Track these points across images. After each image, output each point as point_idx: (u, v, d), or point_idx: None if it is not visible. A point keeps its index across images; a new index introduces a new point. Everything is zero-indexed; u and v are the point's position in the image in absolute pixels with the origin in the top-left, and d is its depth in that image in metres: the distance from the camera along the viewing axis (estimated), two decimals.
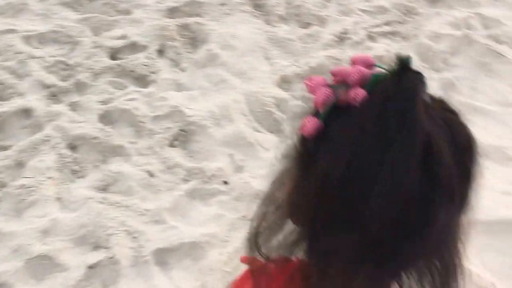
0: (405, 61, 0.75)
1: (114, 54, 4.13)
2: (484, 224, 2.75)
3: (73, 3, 4.53)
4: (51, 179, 3.13)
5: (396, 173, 0.72)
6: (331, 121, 0.79)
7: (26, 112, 3.51)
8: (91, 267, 2.67)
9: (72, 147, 3.37)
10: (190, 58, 4.14)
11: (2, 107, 3.50)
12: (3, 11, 4.36)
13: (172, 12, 4.53)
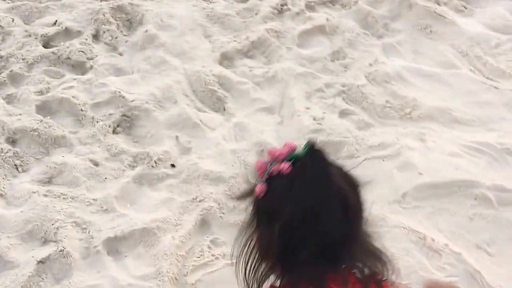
0: (312, 144, 1.27)
1: (47, 42, 4.03)
2: (434, 187, 2.87)
3: None
4: None
5: (327, 223, 1.26)
6: (271, 185, 1.29)
7: None
8: (41, 262, 2.64)
9: (11, 141, 3.30)
10: (127, 41, 4.09)
11: None
12: None
13: None
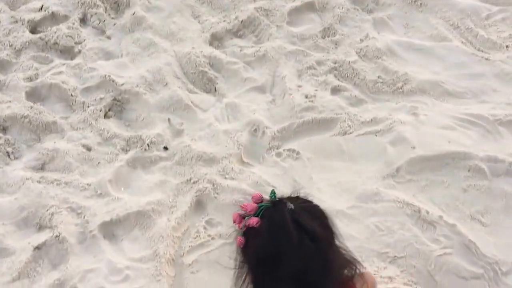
0: (272, 196, 1.62)
1: (34, 28, 4.02)
2: (428, 160, 2.90)
3: None
4: None
5: (299, 262, 1.51)
6: (248, 236, 1.58)
7: None
8: (37, 248, 2.69)
9: (2, 128, 3.33)
10: (115, 24, 4.08)
11: None
12: None
13: None
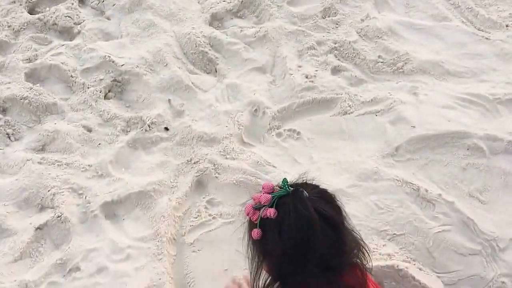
0: (285, 184, 1.63)
1: (32, 8, 4.06)
2: (427, 139, 2.94)
3: None
4: None
5: (323, 248, 1.56)
6: (265, 227, 1.61)
7: None
8: (39, 228, 2.74)
9: (2, 110, 3.37)
10: (114, 4, 4.11)
11: None
12: None
13: None
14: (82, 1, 4.14)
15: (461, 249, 2.45)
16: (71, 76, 3.53)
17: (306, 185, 1.69)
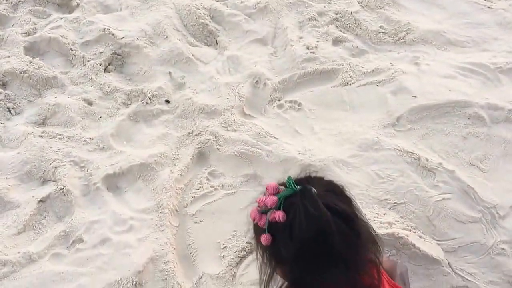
0: (290, 183, 1.50)
1: None
2: (428, 109, 2.99)
3: None
4: None
5: (340, 246, 1.46)
6: (274, 231, 1.50)
7: None
8: (42, 201, 2.79)
9: (1, 84, 3.40)
10: None
11: None
12: None
13: None
14: None
15: (461, 217, 2.50)
16: (70, 49, 3.56)
17: (311, 180, 1.59)
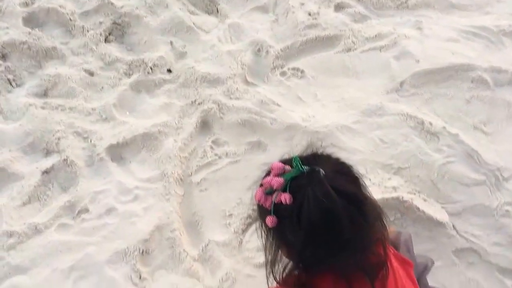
0: (297, 164, 1.44)
1: None
2: (432, 73, 3.02)
3: None
4: None
5: (349, 229, 1.42)
6: (280, 213, 1.45)
7: None
8: (46, 172, 2.82)
9: (1, 55, 3.41)
10: None
11: None
12: None
13: None
14: None
15: (465, 179, 2.55)
16: (70, 19, 3.57)
17: (319, 159, 1.55)
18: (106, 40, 3.52)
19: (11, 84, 3.30)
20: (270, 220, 1.48)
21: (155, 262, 2.48)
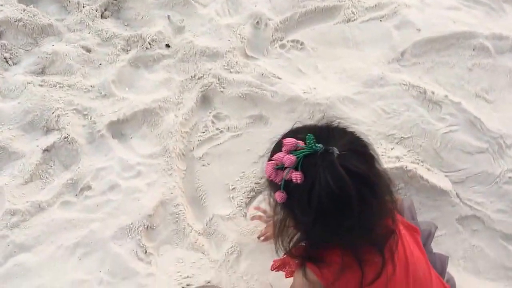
0: (311, 142, 1.45)
1: None
2: (433, 42, 3.04)
3: None
4: None
5: (360, 209, 1.44)
6: (290, 190, 1.49)
7: None
8: (47, 150, 2.84)
9: None
10: None
11: None
12: None
13: None
14: None
15: (468, 147, 2.59)
16: None
17: (333, 133, 1.54)
18: (102, 16, 3.51)
19: (7, 62, 3.29)
20: (279, 196, 1.51)
21: (160, 237, 2.52)
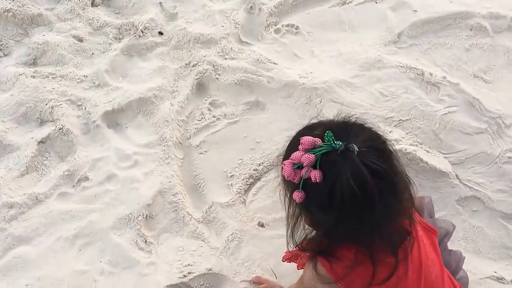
0: (330, 139, 1.43)
1: None
2: (430, 22, 3.06)
3: None
4: None
5: (382, 206, 1.44)
6: (308, 189, 1.48)
7: None
8: (42, 142, 2.84)
9: None
10: None
11: None
12: None
13: None
14: None
15: (467, 128, 2.62)
16: None
17: (351, 130, 1.52)
18: (92, 4, 3.50)
19: None
20: (297, 196, 1.50)
21: (159, 226, 2.53)
